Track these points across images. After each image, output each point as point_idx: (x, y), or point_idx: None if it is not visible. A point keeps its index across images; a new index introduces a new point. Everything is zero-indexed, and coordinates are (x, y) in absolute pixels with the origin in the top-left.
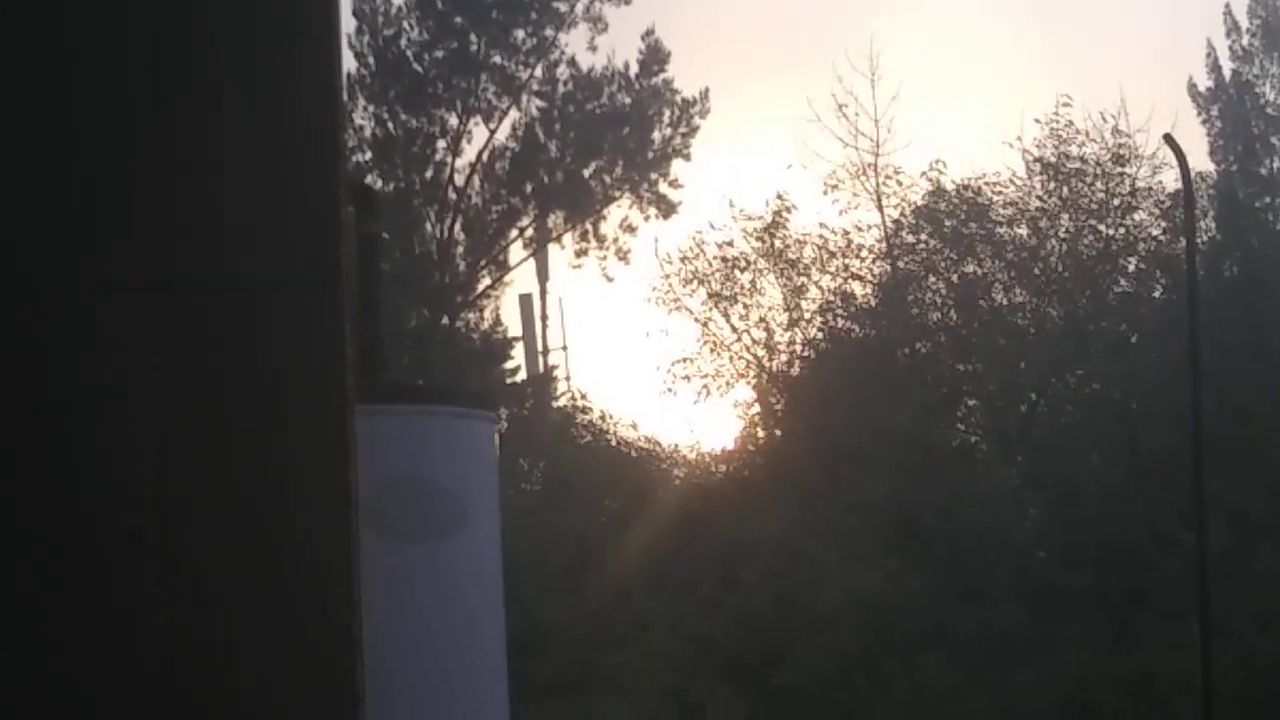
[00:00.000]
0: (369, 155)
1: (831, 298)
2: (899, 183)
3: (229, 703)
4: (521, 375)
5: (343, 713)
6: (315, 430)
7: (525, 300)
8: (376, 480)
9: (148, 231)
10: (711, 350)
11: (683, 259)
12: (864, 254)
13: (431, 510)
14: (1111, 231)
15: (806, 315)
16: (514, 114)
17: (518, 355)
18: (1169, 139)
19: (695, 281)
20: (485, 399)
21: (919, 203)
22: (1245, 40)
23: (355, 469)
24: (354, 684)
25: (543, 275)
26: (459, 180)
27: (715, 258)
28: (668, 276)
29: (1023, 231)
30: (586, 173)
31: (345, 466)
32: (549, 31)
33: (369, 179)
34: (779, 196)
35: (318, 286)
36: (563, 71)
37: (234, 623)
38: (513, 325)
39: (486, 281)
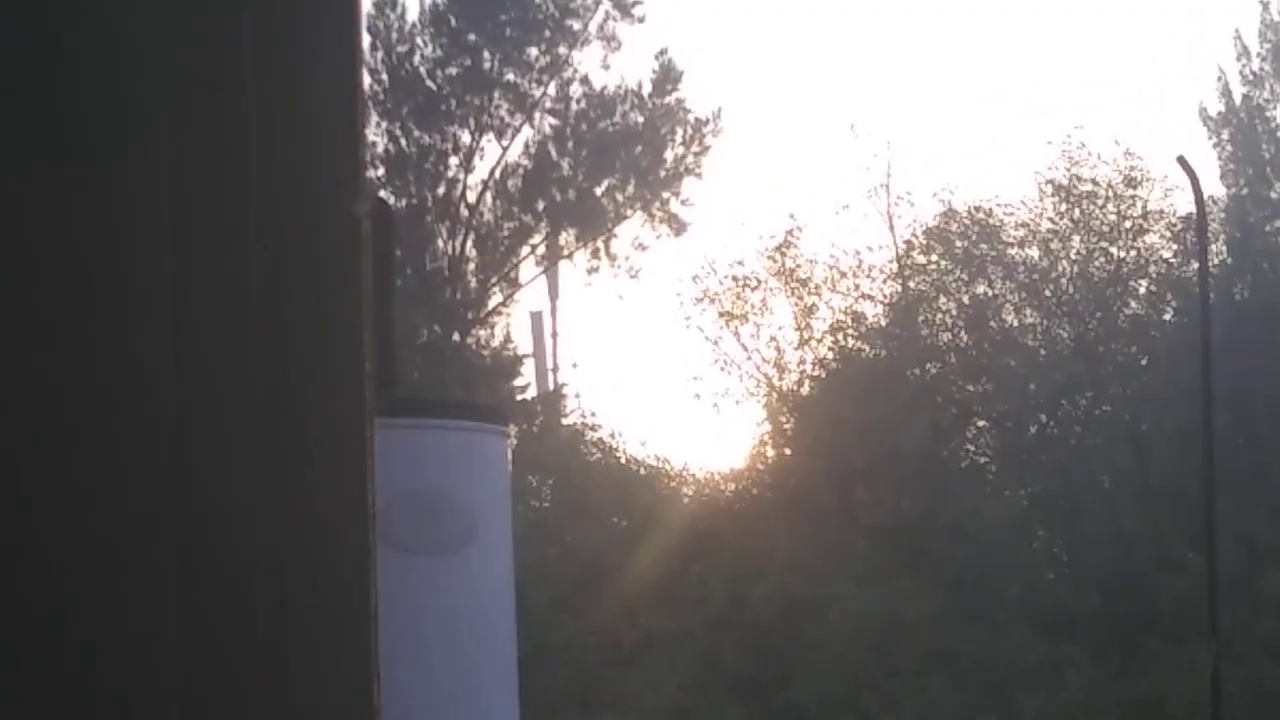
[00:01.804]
0: (381, 171)
1: (842, 317)
2: (910, 204)
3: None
4: (531, 392)
5: None
6: (334, 444)
7: (536, 317)
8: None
9: (165, 236)
10: (722, 370)
11: (694, 278)
12: (875, 274)
13: (444, 524)
14: (1123, 254)
15: (817, 335)
16: (527, 131)
17: (528, 372)
18: (1182, 161)
19: (706, 300)
20: (498, 413)
21: (930, 224)
22: (1255, 65)
23: (373, 483)
24: (370, 700)
25: (553, 293)
26: (471, 197)
27: (726, 277)
28: (679, 295)
29: (1034, 253)
30: (598, 191)
31: (364, 480)
32: (562, 50)
33: (383, 194)
34: (790, 216)
35: (337, 298)
36: (576, 89)
37: (250, 636)
38: (523, 342)
39: (497, 298)
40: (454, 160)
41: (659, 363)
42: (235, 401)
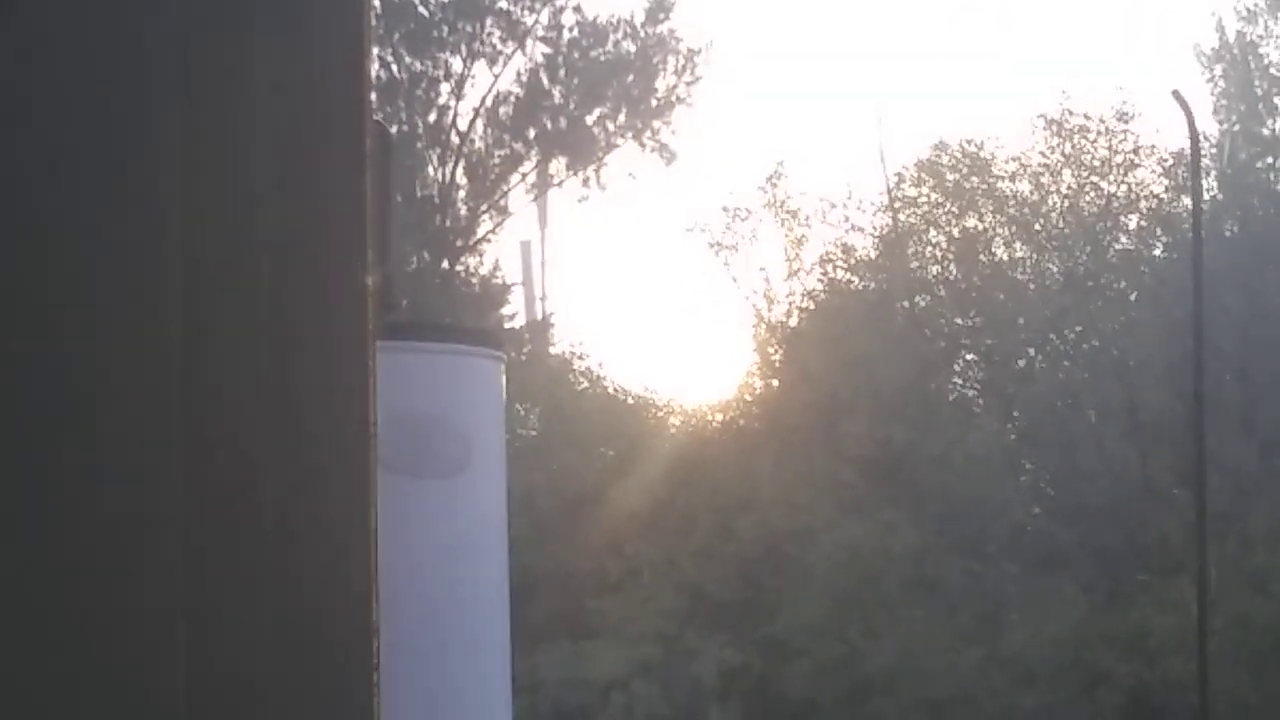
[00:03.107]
0: (372, 97)
1: (831, 249)
2: (903, 136)
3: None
4: (520, 321)
5: (360, 648)
6: (337, 365)
7: (525, 246)
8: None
9: (170, 158)
10: (711, 299)
11: (685, 208)
12: (865, 206)
13: (438, 448)
14: (1113, 189)
15: (807, 267)
16: (519, 59)
17: (517, 301)
18: (1177, 96)
19: (697, 230)
20: (493, 337)
21: (921, 157)
22: (1250, 1)
23: (375, 404)
24: (369, 611)
25: (543, 221)
26: (462, 124)
27: (717, 207)
28: (669, 225)
29: (1025, 187)
30: (589, 119)
31: (365, 401)
32: None
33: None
34: (782, 147)
35: (339, 221)
36: (568, 18)
37: (252, 555)
38: (512, 271)
39: (487, 226)
40: (445, 87)
41: (648, 293)
42: (242, 322)
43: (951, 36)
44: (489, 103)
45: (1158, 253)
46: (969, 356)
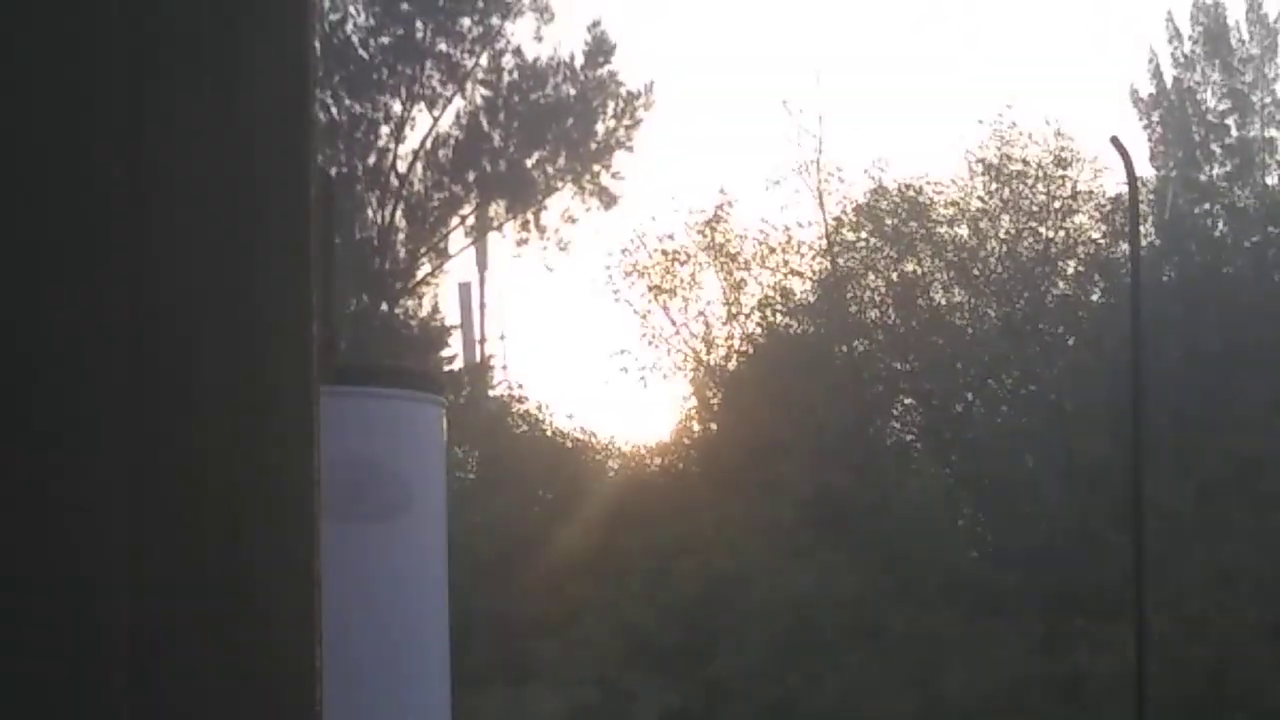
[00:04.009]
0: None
1: (771, 293)
2: (840, 180)
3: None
4: (459, 364)
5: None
6: (282, 411)
7: (464, 289)
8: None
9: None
10: (650, 343)
11: (623, 251)
12: (804, 250)
13: (378, 492)
14: (1051, 234)
15: (745, 310)
16: (458, 102)
17: (455, 344)
18: (1116, 142)
19: (635, 274)
20: (433, 382)
21: (860, 200)
22: (1187, 47)
23: (319, 450)
24: (313, 663)
25: (482, 264)
26: (401, 167)
27: (656, 251)
28: (609, 268)
29: (963, 232)
30: (529, 162)
31: (309, 447)
32: (495, 20)
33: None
34: (720, 191)
35: (285, 264)
36: (508, 61)
37: (197, 600)
38: (451, 313)
39: (426, 269)
40: (385, 129)
41: (587, 336)
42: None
43: (890, 75)
44: (428, 145)
45: (1095, 298)
46: (908, 401)
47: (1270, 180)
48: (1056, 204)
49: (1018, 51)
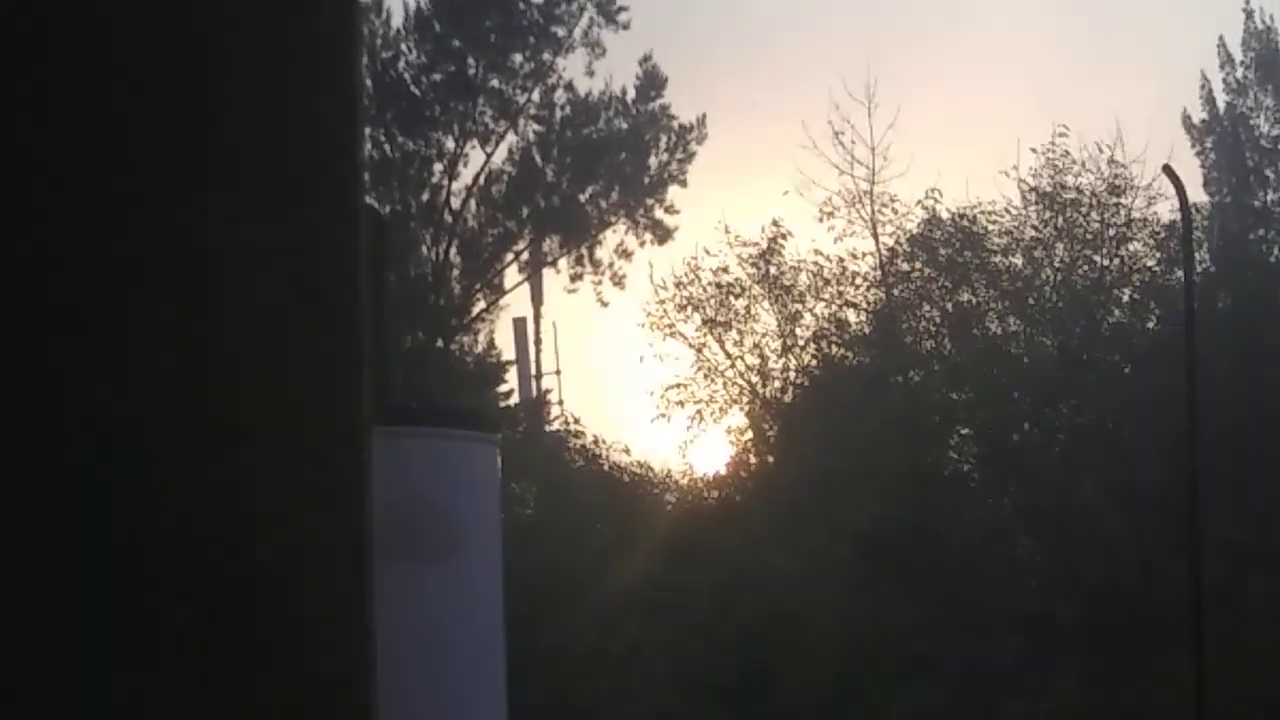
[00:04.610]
0: (366, 177)
1: (825, 325)
2: (894, 210)
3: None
4: (515, 399)
5: None
6: (332, 452)
7: (519, 324)
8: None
9: (170, 248)
10: (705, 376)
11: (677, 285)
12: (858, 281)
13: (434, 532)
14: (1106, 262)
15: (800, 342)
16: (511, 138)
17: (511, 379)
18: (1168, 170)
19: (690, 307)
20: (488, 421)
21: (914, 231)
22: (1239, 73)
23: (370, 491)
24: (367, 703)
25: (537, 299)
26: (455, 203)
27: (710, 284)
28: (663, 302)
29: (1017, 261)
30: (582, 197)
31: (361, 489)
32: (547, 56)
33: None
34: (774, 223)
35: (337, 308)
36: (560, 96)
37: (249, 642)
38: (507, 349)
39: (481, 305)
40: (438, 167)
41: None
42: (234, 407)
43: (944, 104)
44: (482, 181)
45: (1151, 325)
46: (964, 431)
47: None
48: (1111, 232)
49: (1070, 78)
